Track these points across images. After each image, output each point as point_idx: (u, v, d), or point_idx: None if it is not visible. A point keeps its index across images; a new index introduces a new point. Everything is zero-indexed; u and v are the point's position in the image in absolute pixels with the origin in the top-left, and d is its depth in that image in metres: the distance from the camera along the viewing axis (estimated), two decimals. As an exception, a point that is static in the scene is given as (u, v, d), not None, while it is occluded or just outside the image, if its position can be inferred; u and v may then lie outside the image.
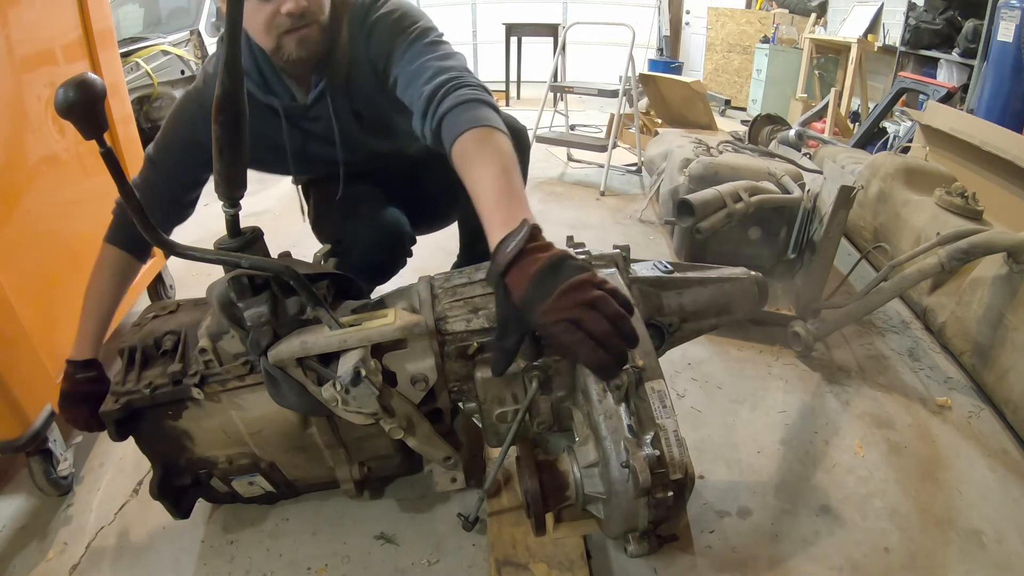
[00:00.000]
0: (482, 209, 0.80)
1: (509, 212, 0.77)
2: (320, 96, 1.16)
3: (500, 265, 0.74)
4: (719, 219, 1.70)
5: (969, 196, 1.88)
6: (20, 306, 1.19)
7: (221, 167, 0.79)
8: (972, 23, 3.50)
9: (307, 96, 1.17)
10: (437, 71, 0.98)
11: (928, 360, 1.73)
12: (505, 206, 0.78)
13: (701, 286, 1.07)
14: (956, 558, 1.11)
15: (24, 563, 1.14)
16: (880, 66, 4.56)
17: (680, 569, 1.08)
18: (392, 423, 0.90)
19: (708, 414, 1.49)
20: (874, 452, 1.37)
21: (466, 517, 0.98)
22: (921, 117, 2.62)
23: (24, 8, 1.31)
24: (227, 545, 1.16)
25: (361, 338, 0.86)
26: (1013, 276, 1.47)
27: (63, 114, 0.63)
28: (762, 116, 3.42)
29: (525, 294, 0.71)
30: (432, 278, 1.02)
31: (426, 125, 0.96)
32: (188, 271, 2.19)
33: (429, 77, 0.97)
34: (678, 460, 0.75)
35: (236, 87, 0.75)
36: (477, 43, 7.34)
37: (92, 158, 1.47)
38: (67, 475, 1.29)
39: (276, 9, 1.00)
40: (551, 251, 0.73)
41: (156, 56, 3.23)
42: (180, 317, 1.06)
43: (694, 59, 6.54)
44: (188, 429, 1.00)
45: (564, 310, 0.68)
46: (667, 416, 0.78)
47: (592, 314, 0.68)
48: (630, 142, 3.61)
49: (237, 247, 0.84)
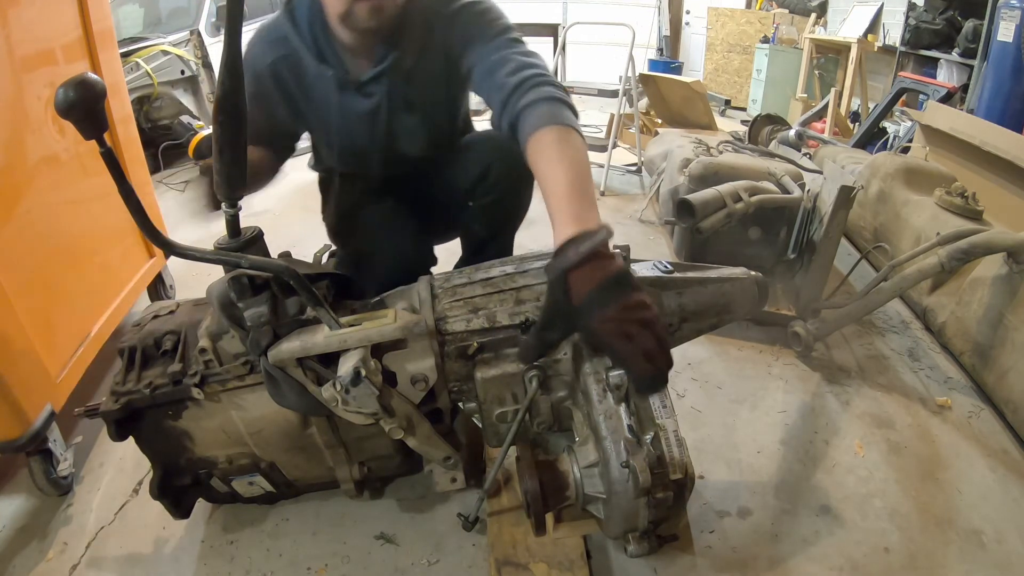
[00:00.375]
0: (553, 200, 0.81)
1: (581, 210, 0.79)
2: (378, 76, 1.14)
3: (568, 261, 0.74)
4: (719, 219, 1.70)
5: (969, 196, 1.88)
6: (20, 306, 1.19)
7: (221, 167, 0.79)
8: (972, 23, 3.50)
9: (365, 72, 1.15)
10: (521, 65, 0.99)
11: (928, 360, 1.73)
12: (578, 203, 0.80)
13: (701, 286, 1.07)
14: (956, 558, 1.11)
15: (24, 563, 1.14)
16: (880, 66, 4.55)
17: (680, 569, 1.08)
18: (392, 423, 0.90)
19: (708, 414, 1.49)
20: (874, 452, 1.37)
21: (466, 517, 0.98)
22: (921, 117, 2.62)
23: (24, 8, 1.31)
24: (227, 545, 1.16)
25: (361, 338, 0.86)
26: (1013, 276, 1.47)
27: (63, 114, 0.63)
28: (762, 116, 3.42)
29: (588, 296, 0.73)
30: (432, 278, 1.02)
31: (506, 113, 0.97)
32: (188, 271, 2.19)
33: (513, 69, 0.99)
34: (678, 460, 0.75)
35: (236, 87, 0.75)
36: (477, 43, 7.32)
37: (92, 158, 1.47)
38: (67, 475, 1.29)
39: None
40: (619, 263, 0.75)
41: (156, 56, 3.22)
42: (180, 317, 1.06)
43: (694, 59, 6.53)
44: (188, 429, 1.00)
45: (623, 322, 0.73)
46: (667, 416, 0.78)
47: (645, 332, 0.73)
48: (630, 142, 3.61)
49: (237, 247, 0.84)
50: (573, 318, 0.77)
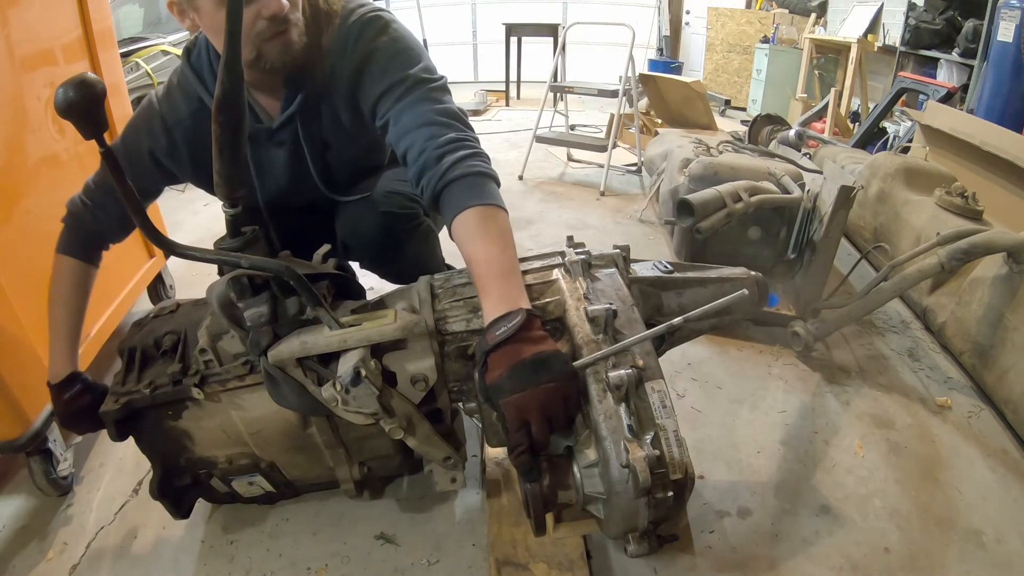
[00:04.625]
0: (479, 281, 0.85)
1: (507, 291, 0.82)
2: (288, 120, 1.10)
3: (486, 344, 0.79)
4: (719, 219, 1.70)
5: (969, 196, 1.88)
6: (20, 306, 1.19)
7: (221, 167, 0.79)
8: (972, 23, 3.49)
9: (275, 115, 1.12)
10: (441, 128, 0.96)
11: (928, 360, 1.73)
12: (504, 284, 0.83)
13: (701, 286, 1.07)
14: (956, 558, 1.11)
15: (24, 563, 1.14)
16: (880, 66, 4.55)
17: (680, 569, 1.08)
18: (392, 423, 0.90)
19: (708, 414, 1.49)
20: (874, 452, 1.37)
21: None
22: (921, 117, 2.62)
23: (24, 8, 1.31)
24: (227, 545, 1.16)
25: (361, 338, 0.86)
26: (1013, 276, 1.46)
27: (63, 114, 0.63)
28: (762, 116, 3.41)
29: (499, 379, 0.77)
30: (432, 278, 1.02)
31: (427, 183, 0.94)
32: (188, 271, 2.19)
33: (432, 134, 0.95)
34: (678, 460, 0.75)
35: (236, 87, 0.75)
36: (477, 43, 7.33)
37: (92, 158, 1.47)
38: (67, 475, 1.29)
39: (256, 14, 0.93)
40: (539, 346, 0.78)
41: (156, 56, 3.23)
42: (180, 317, 1.06)
43: (694, 59, 6.53)
44: (188, 429, 1.00)
45: (522, 409, 0.76)
46: (667, 416, 0.78)
47: (544, 426, 0.76)
48: (630, 142, 3.61)
49: (237, 247, 0.84)
50: (487, 395, 0.81)
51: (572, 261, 0.97)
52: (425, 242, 1.29)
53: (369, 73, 1.03)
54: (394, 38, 1.04)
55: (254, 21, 0.94)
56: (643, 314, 0.99)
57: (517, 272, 0.87)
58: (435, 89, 1.02)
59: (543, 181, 3.45)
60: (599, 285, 0.95)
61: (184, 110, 1.09)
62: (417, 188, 0.97)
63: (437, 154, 0.93)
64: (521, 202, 3.07)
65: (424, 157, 0.94)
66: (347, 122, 1.12)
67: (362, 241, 1.22)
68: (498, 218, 0.89)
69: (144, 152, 1.11)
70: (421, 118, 0.97)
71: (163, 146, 1.10)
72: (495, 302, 0.82)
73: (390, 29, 1.05)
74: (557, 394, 0.76)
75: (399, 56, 1.03)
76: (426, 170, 0.94)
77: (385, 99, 1.01)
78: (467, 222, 0.88)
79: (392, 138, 1.01)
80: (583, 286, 0.93)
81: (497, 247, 0.86)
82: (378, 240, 1.20)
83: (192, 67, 1.08)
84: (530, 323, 0.79)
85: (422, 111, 0.98)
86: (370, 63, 1.03)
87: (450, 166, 0.92)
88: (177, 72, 1.12)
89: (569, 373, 0.78)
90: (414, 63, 1.02)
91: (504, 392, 0.76)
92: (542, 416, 0.76)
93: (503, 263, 0.85)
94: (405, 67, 1.01)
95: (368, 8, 1.06)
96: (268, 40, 0.97)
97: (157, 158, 1.11)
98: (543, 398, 0.76)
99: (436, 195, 0.93)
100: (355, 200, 1.22)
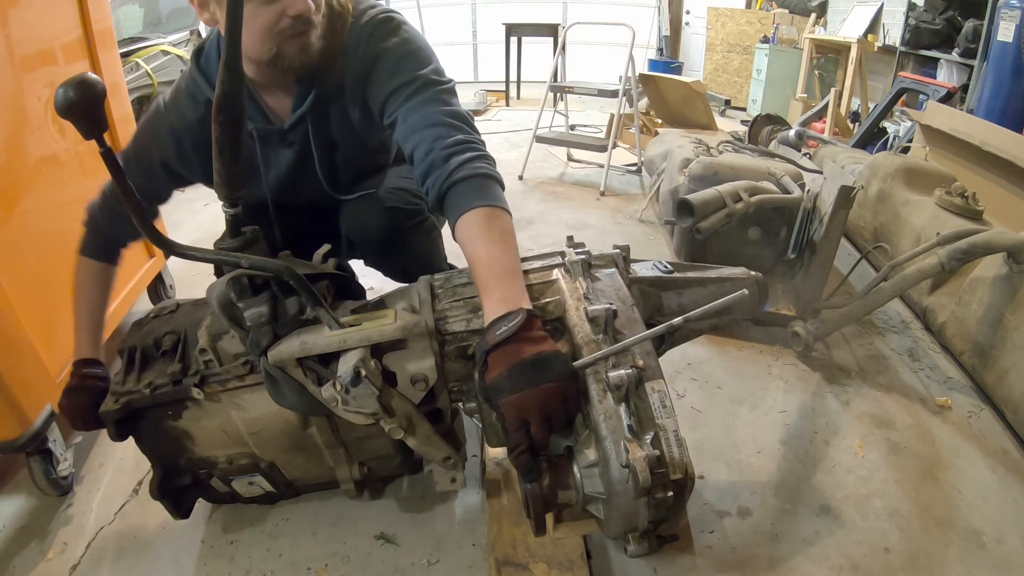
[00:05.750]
0: (481, 281, 0.86)
1: (509, 291, 0.83)
2: (300, 120, 1.10)
3: (486, 344, 0.79)
4: (719, 219, 1.70)
5: (969, 196, 1.88)
6: (20, 306, 1.19)
7: (221, 167, 0.79)
8: (972, 23, 3.49)
9: (285, 115, 1.12)
10: (449, 130, 0.97)
11: (928, 360, 1.73)
12: (506, 284, 0.84)
13: (701, 286, 1.07)
14: (956, 558, 1.11)
15: (24, 563, 1.14)
16: (880, 66, 4.55)
17: (680, 569, 1.08)
18: (392, 423, 0.90)
19: (708, 414, 1.49)
20: (874, 452, 1.37)
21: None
22: (921, 117, 2.62)
23: (24, 8, 1.31)
24: (227, 545, 1.16)
25: (361, 338, 0.86)
26: (1013, 276, 1.46)
27: (63, 114, 0.63)
28: (762, 116, 3.42)
29: (498, 379, 0.77)
30: (432, 278, 1.02)
31: (432, 183, 0.95)
32: (188, 271, 2.19)
33: (440, 135, 0.96)
34: (678, 460, 0.75)
35: (236, 87, 0.75)
36: (477, 43, 7.34)
37: (92, 158, 1.47)
38: (67, 475, 1.29)
39: (281, 12, 0.93)
40: (539, 346, 0.78)
41: (156, 56, 3.23)
42: (180, 317, 1.06)
43: (694, 59, 6.53)
44: (188, 429, 1.00)
45: (522, 409, 0.76)
46: (667, 416, 0.78)
47: (544, 426, 0.76)
48: (630, 142, 3.61)
49: (237, 247, 0.84)
50: (487, 395, 0.82)
51: (572, 261, 0.97)
52: (429, 239, 1.30)
53: (379, 72, 1.04)
54: (405, 39, 1.05)
55: (279, 18, 0.94)
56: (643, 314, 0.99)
57: (519, 273, 0.87)
58: (444, 91, 1.02)
59: (543, 181, 3.45)
60: (599, 285, 0.95)
61: (191, 115, 1.09)
62: (423, 187, 0.98)
63: (444, 155, 0.94)
64: (521, 202, 3.07)
65: (431, 157, 0.95)
66: (356, 122, 1.13)
67: (367, 236, 1.23)
68: (502, 219, 0.90)
69: (155, 162, 1.12)
70: (429, 118, 0.98)
71: (173, 154, 1.11)
72: (496, 302, 0.82)
73: (401, 30, 1.05)
74: (557, 394, 0.76)
75: (410, 57, 1.03)
76: (432, 170, 0.95)
77: (394, 98, 1.02)
78: (471, 222, 0.88)
79: (400, 136, 1.02)
80: (583, 286, 0.93)
81: (500, 248, 0.86)
82: (383, 235, 1.21)
83: (201, 70, 1.09)
84: (530, 323, 0.79)
85: (431, 112, 0.99)
86: (381, 63, 1.04)
87: (456, 167, 0.92)
88: (184, 76, 1.12)
89: (569, 373, 0.78)
90: (424, 64, 1.03)
91: (504, 392, 0.76)
92: (542, 416, 0.76)
93: (505, 264, 0.85)
94: (415, 68, 1.02)
95: (380, 9, 1.07)
96: (289, 39, 0.97)
97: (169, 166, 1.12)
98: (543, 398, 0.76)
99: (441, 195, 0.94)
100: (360, 196, 1.23)
